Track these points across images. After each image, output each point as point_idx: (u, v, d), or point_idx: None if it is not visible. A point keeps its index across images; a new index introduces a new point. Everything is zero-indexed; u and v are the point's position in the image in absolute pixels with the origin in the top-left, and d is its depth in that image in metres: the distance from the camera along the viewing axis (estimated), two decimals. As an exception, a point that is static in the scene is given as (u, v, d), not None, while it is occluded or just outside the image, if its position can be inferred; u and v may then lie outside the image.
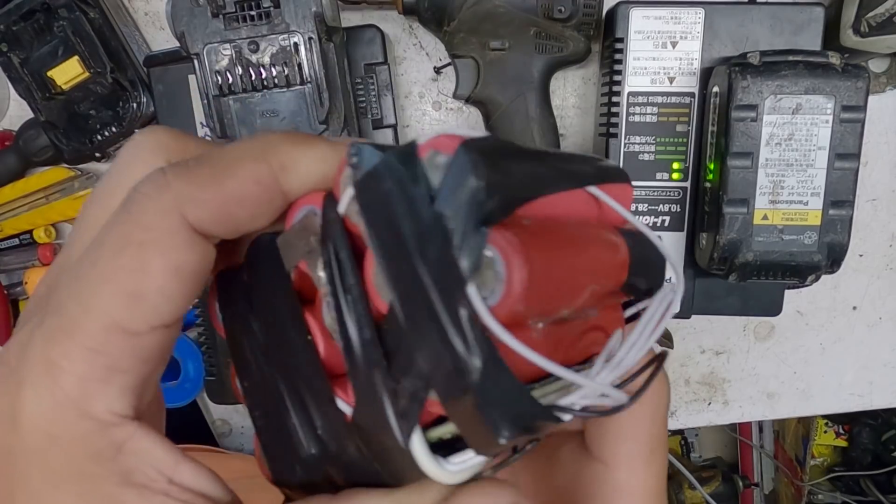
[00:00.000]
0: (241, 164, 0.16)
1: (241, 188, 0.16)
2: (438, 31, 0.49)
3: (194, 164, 0.16)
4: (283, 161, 0.16)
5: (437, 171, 0.14)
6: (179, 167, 0.16)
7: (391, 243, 0.14)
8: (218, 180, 0.16)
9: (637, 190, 0.48)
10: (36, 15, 0.49)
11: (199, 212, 0.15)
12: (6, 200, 0.55)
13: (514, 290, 0.13)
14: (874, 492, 1.23)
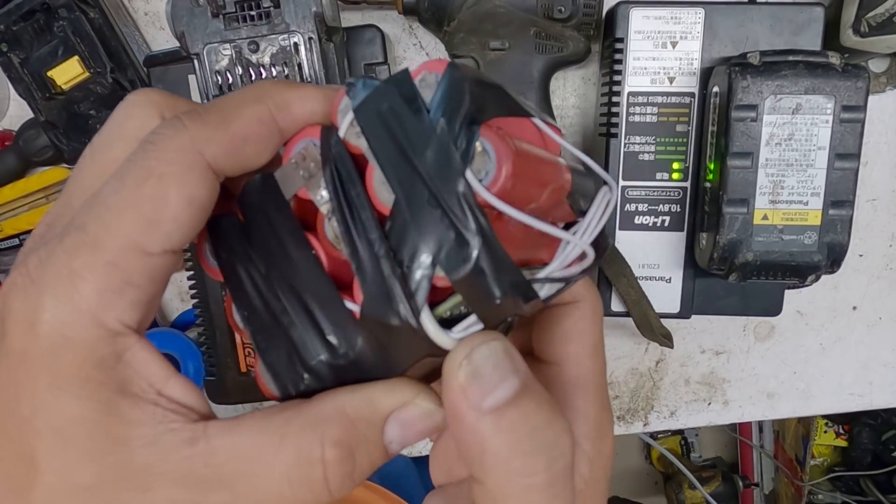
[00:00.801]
0: (245, 107, 0.19)
1: (247, 127, 0.18)
2: (438, 31, 0.49)
3: (204, 110, 0.18)
4: (278, 102, 0.19)
5: (428, 89, 0.17)
6: (193, 113, 0.18)
7: (392, 149, 0.16)
8: (227, 122, 0.18)
9: (637, 190, 0.48)
10: (36, 15, 0.49)
11: (213, 149, 0.18)
12: (6, 200, 0.55)
13: (505, 171, 0.16)
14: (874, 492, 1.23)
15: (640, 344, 0.60)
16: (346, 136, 0.18)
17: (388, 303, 0.16)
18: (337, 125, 0.18)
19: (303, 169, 0.18)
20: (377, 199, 0.17)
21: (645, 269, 0.49)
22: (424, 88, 0.17)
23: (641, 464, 1.72)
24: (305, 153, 0.18)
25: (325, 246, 0.18)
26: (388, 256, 0.16)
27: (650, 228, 0.48)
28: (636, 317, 0.49)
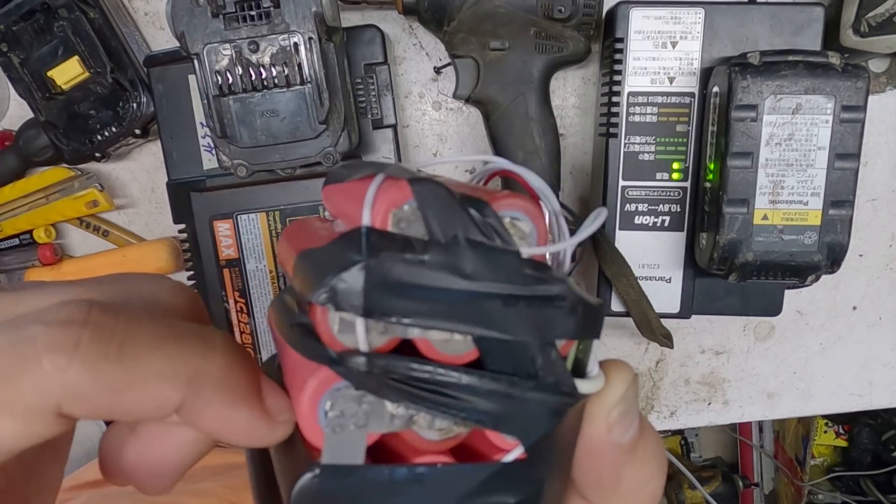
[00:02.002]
0: (157, 384, 0.14)
1: (138, 404, 0.14)
2: (438, 31, 0.49)
3: (114, 354, 0.14)
4: (198, 403, 0.14)
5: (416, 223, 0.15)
6: (95, 352, 0.13)
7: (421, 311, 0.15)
8: (122, 389, 0.14)
9: (637, 190, 0.48)
10: (36, 15, 0.49)
11: (75, 405, 0.13)
12: (6, 200, 0.55)
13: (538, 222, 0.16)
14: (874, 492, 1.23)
15: (640, 344, 0.60)
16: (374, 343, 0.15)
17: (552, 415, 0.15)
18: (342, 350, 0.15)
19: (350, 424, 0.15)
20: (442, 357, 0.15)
21: (645, 269, 0.49)
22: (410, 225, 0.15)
23: (641, 464, 1.71)
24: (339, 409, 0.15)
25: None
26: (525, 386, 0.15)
27: (650, 228, 0.48)
28: (636, 317, 0.49)
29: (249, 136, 0.43)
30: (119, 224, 0.58)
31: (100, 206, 0.54)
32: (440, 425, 0.15)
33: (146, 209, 0.58)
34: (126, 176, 0.57)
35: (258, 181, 0.48)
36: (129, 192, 0.58)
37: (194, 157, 0.49)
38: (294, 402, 0.15)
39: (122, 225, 0.58)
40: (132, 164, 0.57)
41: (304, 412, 0.15)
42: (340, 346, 0.14)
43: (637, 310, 0.48)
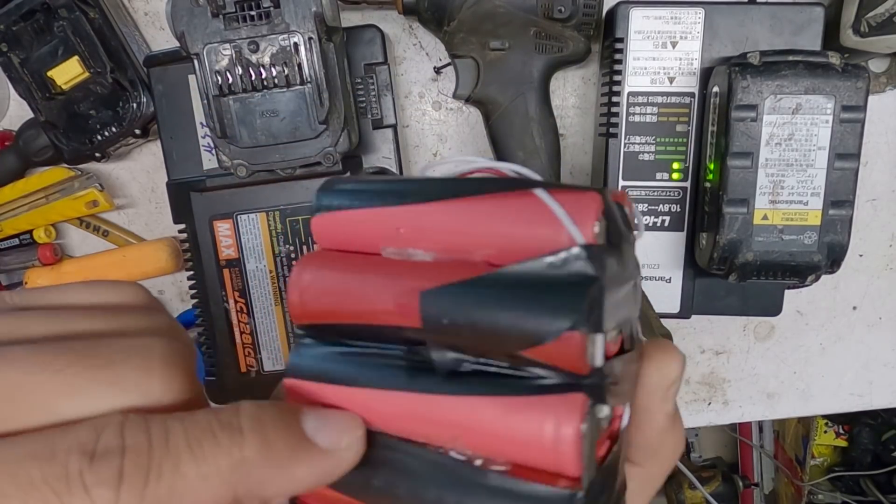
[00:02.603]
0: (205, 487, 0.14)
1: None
2: (438, 31, 0.49)
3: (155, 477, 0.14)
4: (252, 487, 0.15)
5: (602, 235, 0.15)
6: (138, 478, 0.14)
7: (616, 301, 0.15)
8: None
9: (637, 190, 0.48)
10: (36, 15, 0.49)
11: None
12: (6, 200, 0.55)
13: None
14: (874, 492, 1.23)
15: (640, 344, 0.60)
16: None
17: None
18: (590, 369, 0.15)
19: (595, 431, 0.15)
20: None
21: (645, 269, 0.49)
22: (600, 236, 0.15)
23: (641, 464, 1.71)
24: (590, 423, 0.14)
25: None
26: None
27: (650, 228, 0.48)
28: (636, 317, 0.49)
29: (249, 136, 0.43)
30: (119, 224, 0.58)
31: (100, 206, 0.54)
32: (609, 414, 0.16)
33: (146, 209, 0.58)
34: (126, 176, 0.57)
35: (258, 181, 0.48)
36: (129, 192, 0.58)
37: (194, 157, 0.49)
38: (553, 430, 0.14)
39: (122, 225, 0.58)
40: (132, 164, 0.57)
41: (573, 449, 0.14)
42: (589, 369, 0.14)
43: (637, 310, 0.48)
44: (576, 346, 0.14)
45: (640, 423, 0.18)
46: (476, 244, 0.15)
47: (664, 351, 0.18)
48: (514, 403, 0.15)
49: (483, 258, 0.15)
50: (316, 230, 0.17)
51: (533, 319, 0.14)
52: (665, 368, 0.18)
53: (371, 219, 0.16)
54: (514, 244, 0.15)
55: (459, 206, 0.15)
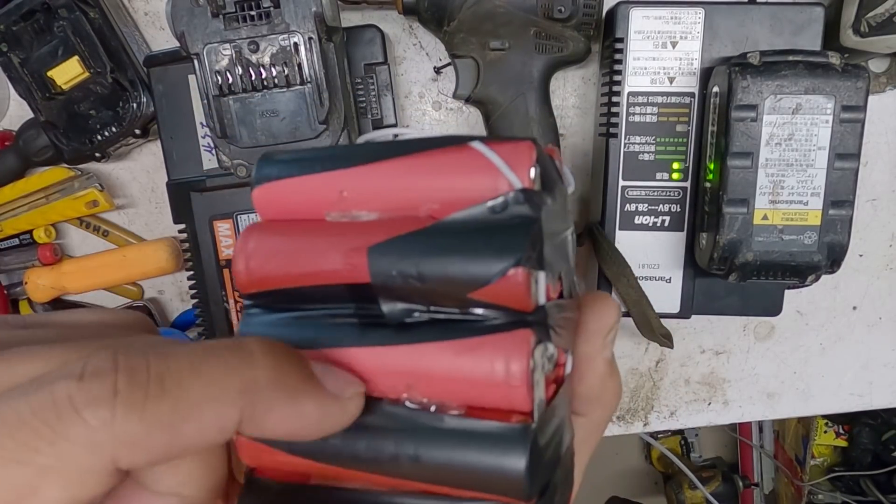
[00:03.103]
0: (211, 406, 0.13)
1: (199, 434, 0.13)
2: (438, 31, 0.49)
3: (155, 391, 0.13)
4: (258, 411, 0.14)
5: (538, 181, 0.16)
6: (135, 395, 0.13)
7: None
8: (176, 424, 0.13)
9: (637, 190, 0.48)
10: (36, 15, 0.49)
11: (134, 455, 0.13)
12: (6, 200, 0.55)
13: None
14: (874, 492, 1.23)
15: (640, 344, 0.60)
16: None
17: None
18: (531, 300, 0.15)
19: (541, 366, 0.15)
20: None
21: (645, 269, 0.49)
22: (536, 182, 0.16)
23: (641, 464, 1.72)
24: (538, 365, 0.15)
25: None
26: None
27: (650, 228, 0.48)
28: (636, 317, 0.49)
29: (249, 136, 0.43)
30: (119, 224, 0.58)
31: (100, 206, 0.54)
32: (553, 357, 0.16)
33: (146, 209, 0.58)
34: (126, 176, 0.57)
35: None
36: (129, 192, 0.58)
37: (194, 157, 0.49)
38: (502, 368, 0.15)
39: (122, 225, 0.58)
40: (132, 164, 0.57)
41: (523, 384, 0.14)
42: (533, 306, 0.15)
43: (637, 310, 0.48)
44: (520, 282, 0.14)
45: (583, 371, 0.19)
46: (419, 199, 0.16)
47: (601, 299, 0.19)
48: (464, 345, 0.15)
49: (427, 212, 0.16)
50: (258, 202, 0.17)
51: (479, 261, 0.14)
52: (603, 315, 0.19)
53: (313, 185, 0.16)
54: (455, 195, 0.15)
55: (400, 163, 0.16)
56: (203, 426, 0.13)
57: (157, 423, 0.13)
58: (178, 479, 0.16)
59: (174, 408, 0.13)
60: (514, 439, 0.14)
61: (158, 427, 0.13)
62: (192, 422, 0.13)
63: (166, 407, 0.13)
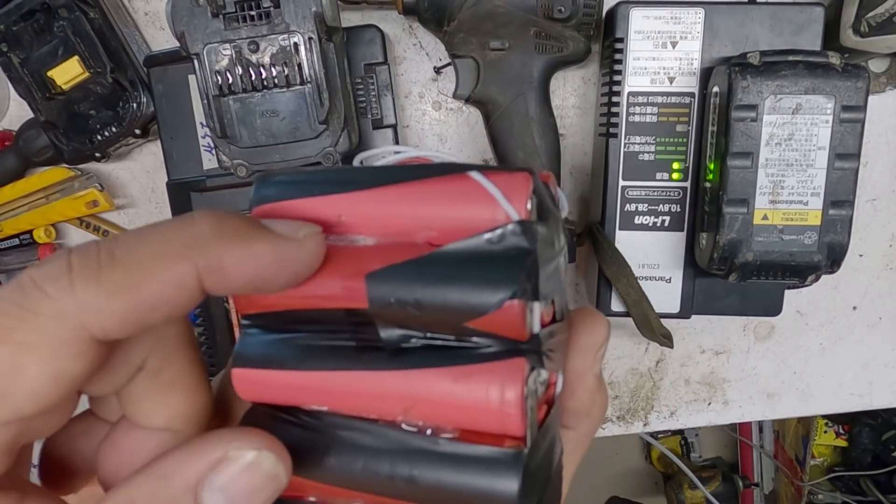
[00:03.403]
0: (162, 264, 0.14)
1: (159, 293, 0.14)
2: (438, 31, 0.49)
3: (107, 262, 0.14)
4: (211, 261, 0.14)
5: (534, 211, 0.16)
6: (88, 267, 0.14)
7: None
8: (133, 285, 0.14)
9: (637, 190, 0.48)
10: (36, 15, 0.49)
11: (102, 321, 0.14)
12: (6, 200, 0.55)
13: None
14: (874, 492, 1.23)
15: (640, 344, 0.60)
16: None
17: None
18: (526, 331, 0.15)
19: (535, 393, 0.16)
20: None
21: (645, 269, 0.49)
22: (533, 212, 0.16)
23: (641, 464, 1.72)
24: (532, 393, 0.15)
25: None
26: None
27: (650, 228, 0.48)
28: (636, 317, 0.49)
29: (249, 136, 0.43)
30: (119, 224, 0.58)
31: (100, 206, 0.54)
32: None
33: (146, 209, 0.58)
34: (126, 176, 0.57)
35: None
36: (129, 192, 0.58)
37: (194, 157, 0.49)
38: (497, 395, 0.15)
39: (122, 225, 0.58)
40: (132, 164, 0.57)
41: (517, 411, 0.15)
42: (528, 335, 0.15)
43: (637, 310, 0.48)
44: (516, 314, 0.15)
45: (574, 387, 0.19)
46: (417, 226, 0.16)
47: (591, 316, 0.19)
48: (460, 372, 0.15)
49: (425, 240, 0.16)
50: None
51: (476, 292, 0.15)
52: (593, 332, 0.19)
53: (312, 208, 0.17)
54: (453, 224, 0.16)
55: (399, 191, 0.16)
56: (160, 284, 0.14)
57: (114, 287, 0.14)
58: (168, 413, 0.16)
59: (127, 271, 0.14)
60: (507, 463, 0.15)
61: (116, 291, 0.14)
62: (148, 281, 0.14)
63: (120, 272, 0.14)
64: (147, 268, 0.14)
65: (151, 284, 0.14)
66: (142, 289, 0.14)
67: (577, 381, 0.19)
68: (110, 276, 0.14)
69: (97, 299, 0.13)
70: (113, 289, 0.14)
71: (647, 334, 0.49)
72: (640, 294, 0.48)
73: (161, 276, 0.14)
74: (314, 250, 0.15)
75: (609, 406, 0.62)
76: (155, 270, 0.14)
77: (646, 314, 0.48)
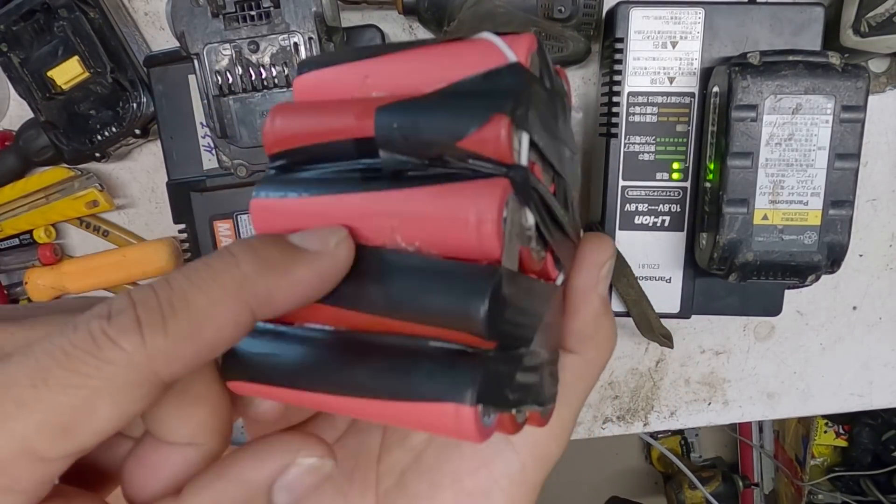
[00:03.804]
0: (220, 309, 0.15)
1: (220, 335, 0.15)
2: (438, 31, 0.49)
3: (169, 312, 0.15)
4: (261, 297, 0.16)
5: (536, 67, 0.17)
6: (154, 319, 0.15)
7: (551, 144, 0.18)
8: (196, 333, 0.15)
9: (637, 190, 0.48)
10: (36, 15, 0.49)
11: (171, 367, 0.15)
12: (6, 200, 0.55)
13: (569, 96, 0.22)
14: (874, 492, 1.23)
15: (640, 344, 0.60)
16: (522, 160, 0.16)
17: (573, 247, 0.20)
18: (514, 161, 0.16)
19: (516, 233, 0.16)
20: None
21: (645, 269, 0.49)
22: (535, 68, 0.17)
23: (641, 464, 1.72)
24: (513, 219, 0.16)
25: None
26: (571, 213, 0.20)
27: (650, 228, 0.48)
28: (636, 317, 0.49)
29: (249, 136, 0.43)
30: (119, 224, 0.58)
31: (100, 206, 0.54)
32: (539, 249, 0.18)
33: (146, 209, 0.58)
34: (126, 176, 0.57)
35: (258, 181, 0.48)
36: (129, 192, 0.58)
37: (194, 157, 0.49)
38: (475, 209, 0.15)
39: (122, 225, 0.58)
40: (132, 164, 0.57)
41: (493, 225, 0.15)
42: (514, 160, 0.16)
43: (637, 310, 0.48)
44: (502, 129, 0.15)
45: (577, 305, 0.20)
46: (431, 79, 0.17)
47: (598, 237, 0.20)
48: (445, 189, 0.16)
49: (433, 89, 0.17)
50: (297, 90, 0.20)
51: (468, 111, 0.16)
52: (599, 250, 0.20)
53: (343, 72, 0.19)
54: (462, 73, 0.17)
55: (420, 51, 0.18)
56: (220, 328, 0.15)
57: (180, 334, 0.15)
58: (192, 428, 0.17)
59: (189, 319, 0.15)
60: (480, 276, 0.15)
61: (181, 338, 0.15)
62: (208, 325, 0.15)
63: (182, 320, 0.15)
64: (207, 315, 0.15)
65: (212, 329, 0.15)
66: (205, 334, 0.15)
67: (582, 298, 0.19)
68: (175, 325, 0.15)
69: (166, 349, 0.15)
70: (179, 336, 0.15)
71: (647, 334, 0.49)
72: (640, 294, 0.48)
73: (220, 321, 0.15)
74: (346, 256, 0.17)
75: (609, 405, 0.62)
76: (214, 316, 0.15)
77: (646, 314, 0.48)
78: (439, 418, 0.15)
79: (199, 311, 0.15)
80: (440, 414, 0.15)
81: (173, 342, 0.15)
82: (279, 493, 0.17)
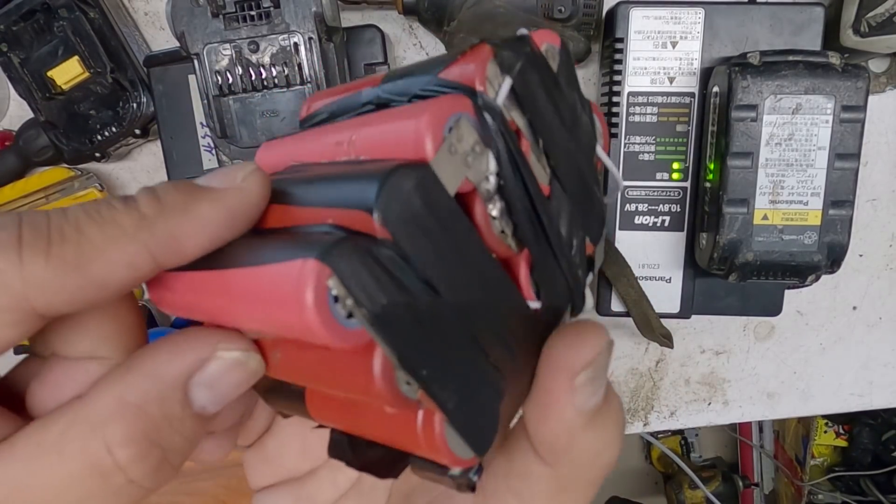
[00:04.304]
0: (112, 248, 0.14)
1: (108, 273, 0.14)
2: (438, 31, 0.49)
3: (58, 240, 0.14)
4: (162, 239, 0.15)
5: (552, 61, 0.17)
6: (38, 243, 0.14)
7: (551, 124, 0.16)
8: (82, 265, 0.14)
9: (637, 190, 0.48)
10: (36, 15, 0.49)
11: (47, 298, 0.14)
12: (6, 200, 0.55)
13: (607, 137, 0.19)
14: (874, 492, 1.23)
15: (640, 344, 0.60)
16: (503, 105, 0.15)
17: (568, 295, 0.17)
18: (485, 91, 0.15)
19: (461, 153, 0.14)
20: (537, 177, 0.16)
21: (645, 269, 0.49)
22: (551, 59, 0.17)
23: (641, 464, 1.72)
24: (460, 133, 0.14)
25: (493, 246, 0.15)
26: (567, 245, 0.17)
27: (650, 228, 0.48)
28: (636, 317, 0.49)
29: (249, 136, 0.43)
30: (119, 224, 0.58)
31: (100, 206, 0.54)
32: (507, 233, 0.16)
33: (146, 209, 0.58)
34: (126, 176, 0.57)
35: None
36: (129, 192, 0.58)
37: (194, 157, 0.49)
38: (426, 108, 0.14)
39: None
40: (132, 164, 0.57)
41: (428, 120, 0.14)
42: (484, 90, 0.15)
43: (637, 310, 0.48)
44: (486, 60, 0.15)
45: (545, 411, 0.15)
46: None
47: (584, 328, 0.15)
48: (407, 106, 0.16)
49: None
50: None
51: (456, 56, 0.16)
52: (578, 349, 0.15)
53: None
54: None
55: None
56: (109, 265, 0.14)
57: (63, 264, 0.14)
58: (90, 341, 0.16)
59: (77, 250, 0.14)
60: (393, 162, 0.14)
61: (64, 269, 0.14)
62: (98, 260, 0.14)
63: (69, 250, 0.14)
64: (97, 249, 0.14)
65: (102, 266, 0.14)
66: (92, 269, 0.14)
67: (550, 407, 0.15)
68: (60, 253, 0.14)
69: (45, 277, 0.13)
70: (62, 267, 0.14)
71: (647, 334, 0.49)
72: (640, 294, 0.48)
73: (111, 259, 0.14)
74: (257, 189, 0.16)
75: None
76: (105, 252, 0.14)
77: (646, 314, 0.48)
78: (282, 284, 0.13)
79: (89, 244, 0.14)
80: (284, 276, 0.13)
81: (54, 270, 0.13)
82: (197, 389, 0.15)
